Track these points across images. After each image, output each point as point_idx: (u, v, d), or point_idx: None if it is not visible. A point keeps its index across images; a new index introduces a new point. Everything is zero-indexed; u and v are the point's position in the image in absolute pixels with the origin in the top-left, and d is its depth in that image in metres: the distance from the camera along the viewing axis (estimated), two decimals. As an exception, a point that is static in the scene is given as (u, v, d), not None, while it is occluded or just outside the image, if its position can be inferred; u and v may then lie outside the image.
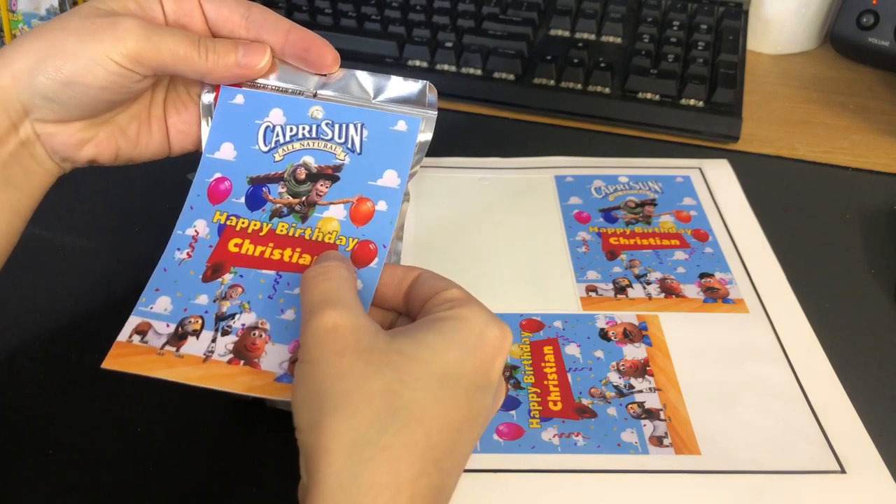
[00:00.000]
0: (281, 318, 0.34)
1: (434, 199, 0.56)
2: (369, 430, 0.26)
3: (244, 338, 0.34)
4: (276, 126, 0.38)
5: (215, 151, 0.38)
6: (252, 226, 0.37)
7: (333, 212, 0.37)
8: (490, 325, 0.30)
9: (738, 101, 0.64)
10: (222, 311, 0.35)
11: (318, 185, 0.37)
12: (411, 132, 0.37)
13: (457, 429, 0.28)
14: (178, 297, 0.35)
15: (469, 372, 0.29)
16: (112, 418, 0.41)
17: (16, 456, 0.40)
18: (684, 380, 0.43)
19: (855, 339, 0.47)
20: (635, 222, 0.54)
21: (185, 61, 0.36)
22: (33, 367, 0.44)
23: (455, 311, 0.30)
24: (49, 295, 0.49)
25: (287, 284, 0.35)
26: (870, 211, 0.56)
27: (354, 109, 0.38)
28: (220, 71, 0.37)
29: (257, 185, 0.37)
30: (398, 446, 0.26)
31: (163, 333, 0.34)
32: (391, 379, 0.27)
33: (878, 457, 0.40)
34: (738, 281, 0.49)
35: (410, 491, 0.26)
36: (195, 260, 0.36)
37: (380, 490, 0.26)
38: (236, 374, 0.33)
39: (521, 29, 0.70)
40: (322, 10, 0.71)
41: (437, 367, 0.28)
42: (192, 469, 0.39)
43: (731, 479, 0.39)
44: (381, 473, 0.26)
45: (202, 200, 0.38)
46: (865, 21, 0.69)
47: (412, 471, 0.27)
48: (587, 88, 0.65)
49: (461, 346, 0.29)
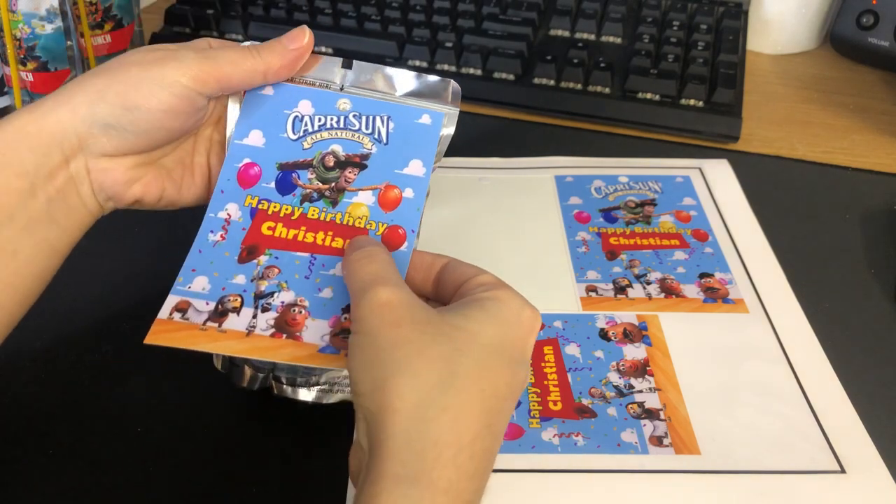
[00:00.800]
0: (319, 296, 0.35)
1: (434, 199, 0.55)
2: (432, 392, 0.28)
3: (284, 314, 0.35)
4: (304, 116, 0.39)
5: (244, 138, 0.39)
6: (284, 209, 0.38)
7: (362, 198, 0.38)
8: (525, 306, 0.32)
9: (738, 101, 0.64)
10: (261, 289, 0.36)
11: (347, 172, 0.38)
12: (435, 125, 0.39)
13: (503, 396, 0.30)
14: (215, 277, 0.36)
15: (510, 347, 0.31)
16: (112, 418, 0.42)
17: (16, 456, 0.40)
18: (684, 380, 0.43)
19: (855, 339, 0.47)
20: (635, 222, 0.54)
21: (244, 66, 0.37)
22: (33, 367, 0.44)
23: (493, 292, 0.32)
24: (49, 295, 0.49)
25: (322, 266, 0.36)
26: (870, 211, 0.56)
27: (381, 103, 0.40)
28: (276, 61, 0.38)
29: (287, 171, 0.39)
30: (458, 408, 0.28)
31: (203, 311, 0.35)
32: (447, 348, 0.29)
33: (878, 457, 0.40)
34: (737, 281, 0.49)
35: (470, 450, 0.28)
36: (229, 242, 0.37)
37: (443, 447, 0.28)
38: (280, 347, 0.34)
39: (521, 29, 0.70)
40: (322, 10, 0.71)
41: (485, 339, 0.30)
42: (192, 469, 0.39)
43: (731, 479, 0.39)
44: (444, 432, 0.28)
45: (232, 185, 0.38)
46: (865, 21, 0.69)
47: (471, 432, 0.28)
48: (587, 88, 0.65)
49: (503, 323, 0.31)
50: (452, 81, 0.40)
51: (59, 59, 0.62)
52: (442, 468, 0.28)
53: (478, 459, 0.29)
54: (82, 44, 0.65)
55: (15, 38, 0.61)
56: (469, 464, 0.28)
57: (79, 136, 0.36)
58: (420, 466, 0.27)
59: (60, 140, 0.35)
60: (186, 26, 0.73)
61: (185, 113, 0.37)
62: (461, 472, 0.28)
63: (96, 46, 0.67)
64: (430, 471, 0.27)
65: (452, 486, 0.28)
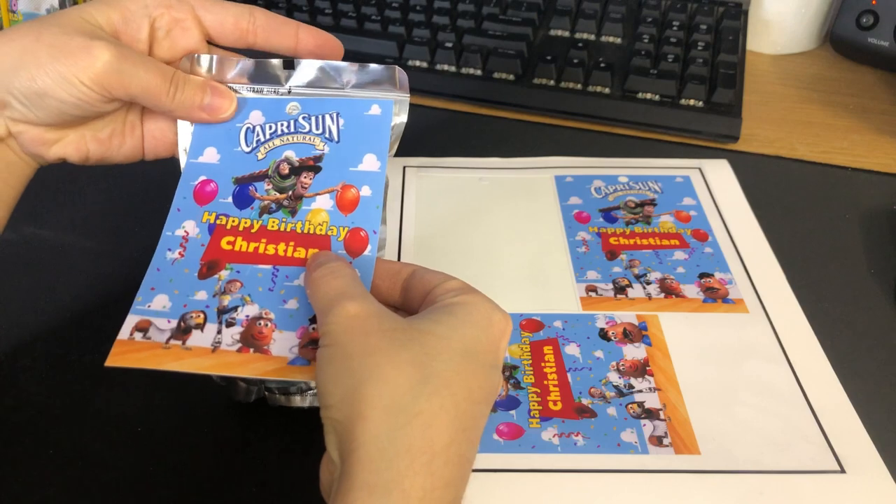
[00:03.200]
0: (284, 307, 0.35)
1: (434, 199, 0.56)
2: (403, 397, 0.27)
3: (250, 328, 0.34)
4: (255, 126, 0.39)
5: (199, 156, 0.39)
6: (243, 223, 0.37)
7: (321, 202, 0.37)
8: (495, 310, 0.31)
9: (738, 102, 0.64)
10: (223, 304, 0.35)
11: (302, 177, 0.38)
12: (385, 115, 0.38)
13: (477, 400, 0.29)
14: (175, 295, 0.35)
15: (483, 350, 0.30)
16: (112, 418, 0.42)
17: (16, 456, 0.40)
18: (684, 380, 0.43)
19: (855, 339, 0.47)
20: (635, 222, 0.54)
21: (153, 96, 0.36)
22: (34, 366, 0.44)
23: (461, 297, 0.31)
24: (49, 295, 0.49)
25: (286, 277, 0.35)
26: (869, 211, 0.56)
27: (328, 100, 0.39)
28: (182, 111, 0.38)
29: (243, 185, 0.38)
30: (431, 413, 0.28)
31: (165, 329, 0.34)
32: (418, 352, 0.29)
33: (878, 456, 0.40)
34: (737, 281, 0.49)
35: (444, 456, 0.27)
36: (188, 259, 0.36)
37: (416, 454, 0.27)
38: (248, 361, 0.33)
39: (521, 29, 0.70)
40: (322, 11, 0.71)
41: (456, 343, 0.29)
42: (192, 469, 0.39)
43: (731, 479, 0.39)
44: (416, 438, 0.27)
45: (189, 202, 0.38)
46: (865, 21, 0.69)
47: (444, 437, 0.28)
48: (587, 88, 0.65)
49: (474, 327, 0.30)
50: (397, 67, 0.39)
51: (59, 59, 0.62)
52: (415, 476, 0.27)
53: (453, 466, 0.28)
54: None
55: None
56: (444, 470, 0.27)
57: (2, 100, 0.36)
58: (393, 475, 0.27)
59: None
60: (186, 26, 0.73)
61: (93, 107, 0.36)
62: (436, 480, 0.27)
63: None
64: (403, 479, 0.27)
65: (427, 494, 0.27)
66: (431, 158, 0.59)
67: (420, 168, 0.58)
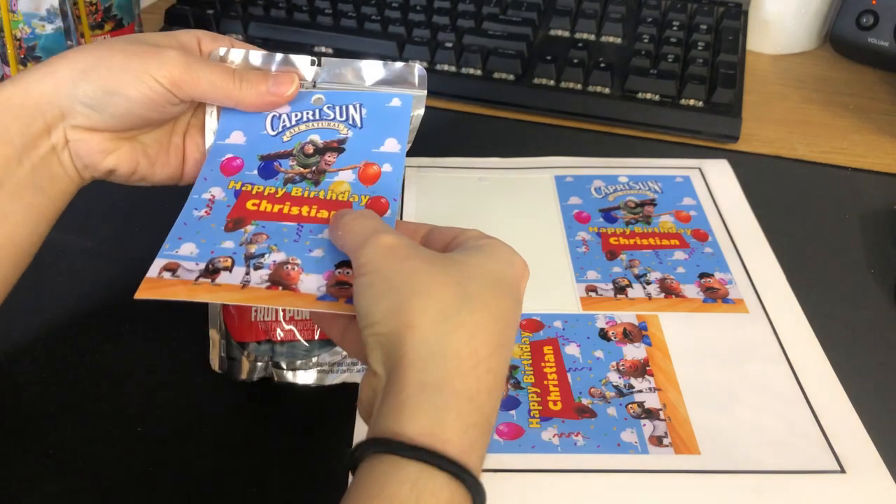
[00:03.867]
0: (310, 255, 0.36)
1: (434, 199, 0.56)
2: (448, 309, 0.29)
3: (277, 270, 0.35)
4: (281, 114, 0.41)
5: (225, 139, 0.40)
6: (268, 190, 0.39)
7: (343, 176, 0.39)
8: (515, 254, 0.33)
9: (738, 101, 0.64)
10: (251, 251, 0.36)
11: (326, 156, 0.40)
12: (405, 107, 0.41)
13: (509, 322, 0.31)
14: (202, 244, 0.36)
15: (509, 282, 0.32)
16: (112, 418, 0.42)
17: (16, 456, 0.40)
18: (684, 380, 0.43)
19: (855, 339, 0.47)
20: (635, 222, 0.54)
21: (222, 90, 0.39)
22: (34, 366, 0.44)
23: (484, 241, 0.33)
24: (49, 295, 0.49)
25: (310, 231, 0.37)
26: (869, 211, 0.56)
27: (352, 93, 0.41)
28: (251, 98, 0.40)
29: (268, 161, 0.40)
30: (474, 324, 0.29)
31: (193, 270, 0.35)
32: (457, 274, 0.30)
33: (878, 456, 0.40)
34: (737, 281, 0.49)
35: (487, 365, 0.29)
36: (214, 216, 0.38)
37: (464, 358, 0.29)
38: (278, 296, 0.34)
39: (521, 29, 0.70)
40: (322, 11, 0.71)
41: (487, 271, 0.31)
42: (192, 469, 0.39)
43: (731, 479, 0.39)
44: (463, 345, 0.29)
45: (215, 173, 0.40)
46: (865, 21, 0.69)
47: (487, 347, 0.29)
48: (587, 88, 0.65)
49: (500, 262, 0.32)
50: (418, 65, 0.41)
51: (59, 59, 0.62)
52: (464, 377, 0.28)
53: (493, 375, 0.29)
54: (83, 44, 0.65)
55: (15, 38, 0.61)
56: (487, 377, 0.29)
57: (61, 108, 0.37)
58: (443, 374, 0.28)
59: (44, 110, 0.37)
60: (186, 26, 0.73)
61: (160, 106, 0.38)
62: (481, 385, 0.29)
63: (96, 46, 0.67)
64: (454, 379, 0.28)
65: (473, 396, 0.28)
66: (431, 158, 0.59)
67: (420, 168, 0.58)
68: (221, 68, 0.39)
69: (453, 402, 0.28)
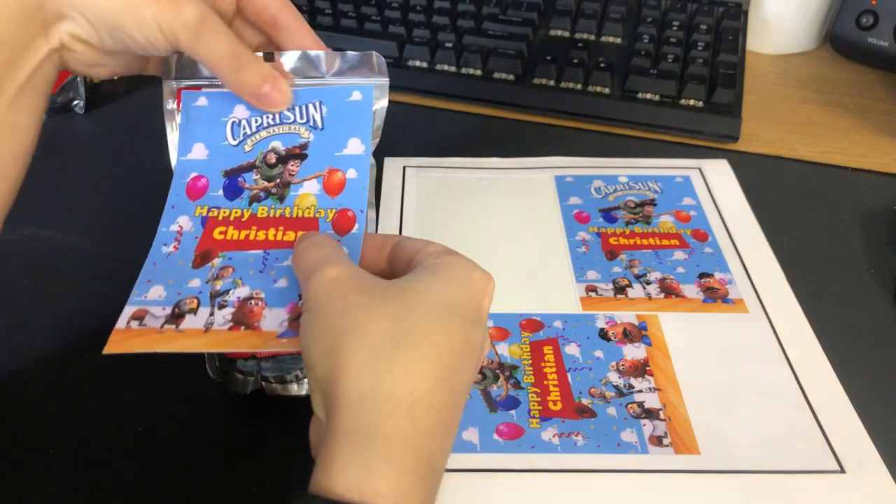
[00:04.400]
0: (274, 286, 0.35)
1: (434, 199, 0.56)
2: (383, 347, 0.28)
3: (241, 308, 0.35)
4: (241, 120, 0.40)
5: (188, 154, 0.40)
6: (234, 213, 0.38)
7: (308, 187, 0.38)
8: (475, 269, 0.32)
9: (738, 102, 0.64)
10: (216, 288, 0.36)
11: (289, 165, 0.39)
12: (367, 100, 0.39)
13: (459, 352, 0.29)
14: (170, 285, 0.36)
15: (464, 305, 0.30)
16: (112, 418, 0.42)
17: (16, 456, 0.40)
18: (684, 380, 0.43)
19: (855, 339, 0.47)
20: (635, 222, 0.54)
21: (215, 67, 0.37)
22: (34, 367, 0.44)
23: (442, 258, 0.32)
24: (49, 295, 0.49)
25: (276, 259, 0.36)
26: (869, 211, 0.56)
27: (311, 90, 0.40)
28: (237, 90, 0.38)
29: (232, 177, 0.39)
30: (411, 361, 0.28)
31: (160, 316, 0.35)
32: (397, 307, 0.29)
33: (878, 456, 0.40)
34: (737, 281, 0.49)
35: (426, 403, 0.28)
36: (182, 251, 0.38)
37: (397, 400, 0.27)
38: (239, 338, 0.34)
39: (521, 29, 0.70)
40: (322, 11, 0.71)
41: (435, 298, 0.30)
42: (192, 469, 0.39)
43: (731, 479, 0.39)
44: (397, 385, 0.27)
45: (182, 199, 0.39)
46: (865, 21, 0.69)
47: (426, 385, 0.28)
48: (587, 88, 0.65)
49: (453, 283, 0.31)
50: (375, 53, 0.40)
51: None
52: (396, 421, 0.27)
53: (435, 413, 0.28)
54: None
55: None
56: (426, 417, 0.28)
57: (60, 9, 0.35)
58: (374, 420, 0.27)
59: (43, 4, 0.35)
60: (186, 26, 0.73)
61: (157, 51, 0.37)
62: (417, 426, 0.27)
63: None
64: (384, 425, 0.27)
65: (408, 440, 0.27)
66: (431, 158, 0.59)
67: (420, 168, 0.58)
68: (228, 45, 0.37)
69: (383, 451, 0.27)
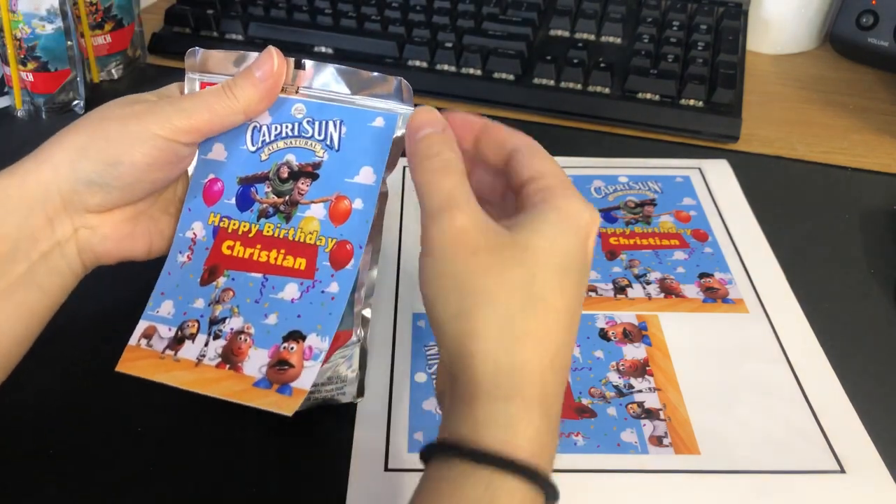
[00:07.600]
0: (264, 322, 0.36)
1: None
2: (514, 318, 0.30)
3: (231, 342, 0.36)
4: (262, 126, 0.39)
5: (208, 152, 0.40)
6: (242, 227, 0.39)
7: (314, 211, 0.38)
8: (583, 210, 0.32)
9: (738, 102, 0.64)
10: (215, 314, 0.37)
11: (300, 183, 0.39)
12: (388, 128, 0.38)
13: (575, 310, 0.31)
14: (179, 301, 0.38)
15: (578, 257, 0.32)
16: (113, 418, 0.42)
17: (16, 456, 0.40)
18: (684, 380, 0.43)
19: (855, 339, 0.47)
20: (635, 222, 0.54)
21: (222, 112, 0.37)
22: (34, 367, 0.44)
23: (556, 202, 0.32)
24: (49, 295, 0.49)
25: (272, 288, 0.37)
26: (869, 211, 0.56)
27: (334, 107, 0.39)
28: (252, 95, 0.38)
29: (246, 186, 0.39)
30: (540, 331, 0.30)
31: (165, 337, 0.37)
32: (523, 273, 0.30)
33: (878, 456, 0.40)
34: (737, 281, 0.49)
35: (552, 367, 0.30)
36: (194, 263, 0.39)
37: (531, 368, 0.29)
38: (221, 379, 0.35)
39: (520, 29, 0.70)
40: (322, 10, 0.71)
41: (555, 257, 0.31)
42: (192, 469, 0.39)
43: (731, 479, 0.39)
44: (529, 355, 0.29)
45: (198, 202, 0.40)
46: (865, 21, 0.69)
47: (551, 351, 0.30)
48: (587, 88, 0.65)
49: (568, 233, 0.32)
50: (403, 80, 0.38)
51: (59, 59, 0.62)
52: (531, 386, 0.29)
53: (558, 373, 0.30)
54: (82, 44, 0.65)
55: (15, 38, 0.61)
56: (553, 379, 0.30)
57: (62, 195, 0.35)
58: (512, 385, 0.29)
59: (43, 201, 0.35)
60: (186, 26, 0.73)
61: (168, 163, 0.37)
62: (547, 388, 0.30)
63: (96, 47, 0.67)
64: (522, 389, 0.29)
65: (542, 401, 0.29)
66: (431, 158, 0.59)
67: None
68: (210, 91, 0.37)
69: (523, 411, 0.29)
